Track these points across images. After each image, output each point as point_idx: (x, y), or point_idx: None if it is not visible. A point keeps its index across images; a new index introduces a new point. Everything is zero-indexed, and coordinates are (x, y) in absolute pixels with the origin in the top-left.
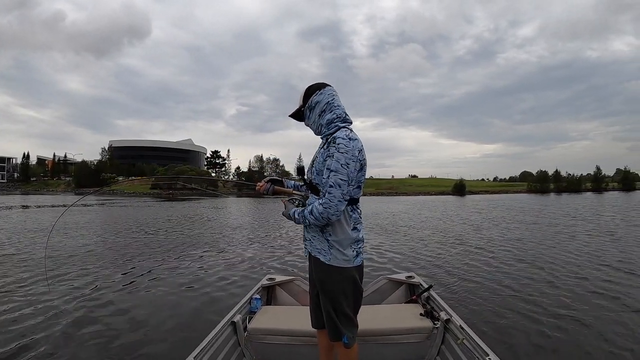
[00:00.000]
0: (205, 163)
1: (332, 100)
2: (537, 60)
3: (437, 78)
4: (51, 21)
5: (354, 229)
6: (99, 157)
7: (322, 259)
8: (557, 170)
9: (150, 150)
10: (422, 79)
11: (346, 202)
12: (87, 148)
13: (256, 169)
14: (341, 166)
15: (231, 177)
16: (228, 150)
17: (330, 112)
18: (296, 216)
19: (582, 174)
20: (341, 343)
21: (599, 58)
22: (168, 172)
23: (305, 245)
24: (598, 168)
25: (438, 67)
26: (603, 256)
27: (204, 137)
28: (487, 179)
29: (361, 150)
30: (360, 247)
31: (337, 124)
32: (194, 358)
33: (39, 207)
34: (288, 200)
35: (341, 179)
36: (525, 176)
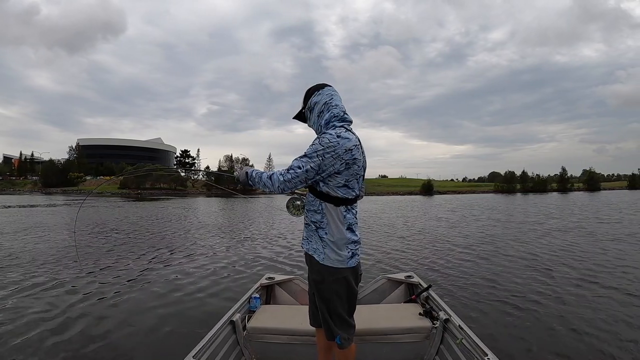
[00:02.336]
0: (175, 162)
1: (329, 100)
2: (507, 63)
3: (408, 79)
4: (25, 15)
5: (349, 229)
6: (66, 156)
7: (316, 258)
8: (523, 170)
9: (119, 149)
10: (393, 80)
11: (304, 185)
12: (55, 146)
13: (225, 168)
14: (317, 155)
15: (201, 176)
16: (198, 150)
17: (328, 111)
18: (253, 175)
19: (549, 175)
20: (335, 342)
21: (567, 63)
22: (136, 171)
23: (303, 244)
24: (563, 169)
25: (409, 68)
26: (591, 254)
27: (174, 136)
28: (457, 179)
29: (350, 149)
30: (357, 249)
31: (334, 123)
32: (193, 357)
33: (7, 207)
34: (290, 199)
35: (311, 166)
36: (493, 176)
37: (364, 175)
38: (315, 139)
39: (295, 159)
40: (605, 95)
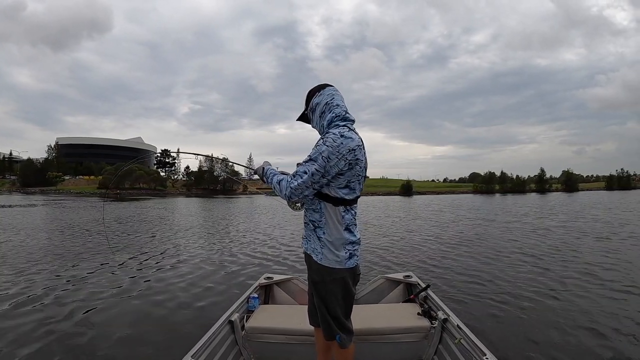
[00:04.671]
0: (155, 162)
1: (331, 100)
2: (489, 66)
3: (391, 81)
4: (11, 11)
5: (347, 229)
6: (45, 155)
7: (314, 257)
8: (502, 171)
9: (99, 148)
10: (376, 81)
11: (313, 191)
12: (35, 145)
13: (205, 168)
14: (322, 158)
15: (181, 176)
16: (177, 149)
17: (330, 111)
18: (268, 173)
19: (529, 176)
20: (336, 342)
21: (548, 66)
22: (116, 171)
23: (303, 243)
24: (542, 170)
25: (392, 70)
26: (583, 252)
27: (156, 135)
28: (438, 180)
29: (353, 150)
30: (355, 249)
31: (336, 122)
32: (191, 357)
33: None
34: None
35: (316, 169)
36: (474, 177)
37: (365, 176)
38: (319, 139)
39: (301, 164)
40: (585, 98)
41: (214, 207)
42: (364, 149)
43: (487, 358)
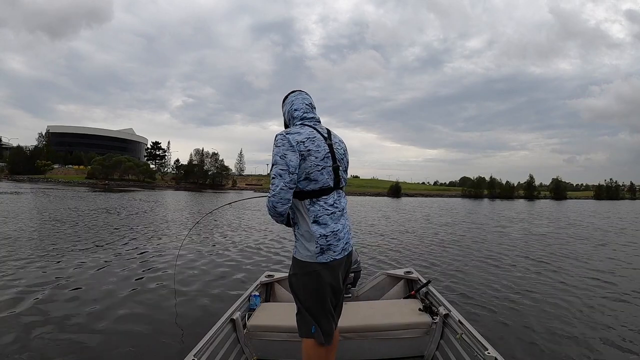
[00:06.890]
0: (145, 154)
1: (291, 107)
2: (483, 71)
3: (385, 82)
4: None
5: (315, 222)
6: (35, 143)
7: (293, 251)
8: (491, 177)
9: (89, 138)
10: (370, 81)
11: (291, 190)
12: (26, 132)
13: (195, 162)
14: (279, 158)
15: (170, 169)
16: (168, 142)
17: (294, 118)
18: None
19: (519, 182)
20: (313, 343)
21: (542, 74)
22: (106, 161)
23: None
24: (531, 176)
25: (387, 71)
26: (578, 253)
27: (148, 127)
28: (428, 183)
29: (302, 142)
30: (329, 243)
31: (294, 123)
32: (194, 355)
33: None
34: None
35: (281, 169)
36: (464, 181)
37: (338, 167)
38: (273, 146)
39: (272, 173)
40: (578, 108)
41: (205, 201)
42: (322, 141)
43: (488, 352)
